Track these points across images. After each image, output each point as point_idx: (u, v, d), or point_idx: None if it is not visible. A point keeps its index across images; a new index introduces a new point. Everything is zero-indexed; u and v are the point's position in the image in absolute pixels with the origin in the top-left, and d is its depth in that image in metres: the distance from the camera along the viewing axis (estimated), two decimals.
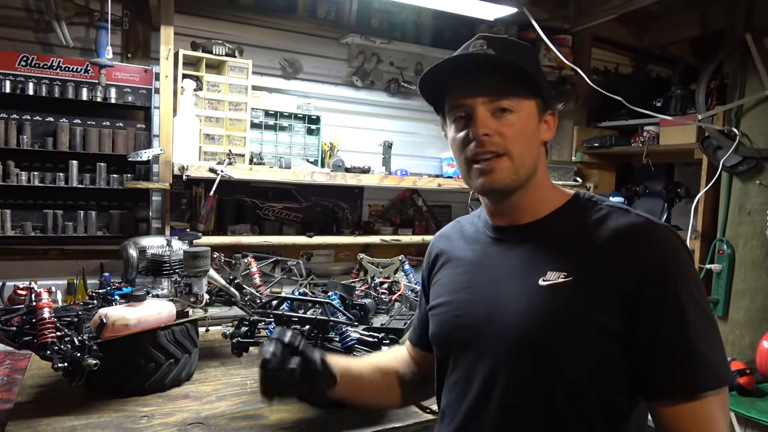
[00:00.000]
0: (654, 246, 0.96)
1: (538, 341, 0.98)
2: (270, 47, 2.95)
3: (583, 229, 1.02)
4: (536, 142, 1.06)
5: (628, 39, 3.69)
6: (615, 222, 1.00)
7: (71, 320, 1.76)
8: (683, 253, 0.97)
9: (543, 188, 1.09)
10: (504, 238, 1.11)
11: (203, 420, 1.71)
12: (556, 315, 0.97)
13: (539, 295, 0.99)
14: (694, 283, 0.95)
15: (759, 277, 2.42)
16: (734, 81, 2.55)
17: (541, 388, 0.98)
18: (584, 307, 0.95)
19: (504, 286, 1.05)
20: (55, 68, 2.42)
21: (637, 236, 0.97)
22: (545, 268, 1.01)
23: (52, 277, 2.51)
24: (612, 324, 0.94)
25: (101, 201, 2.55)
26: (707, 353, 0.91)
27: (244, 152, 2.68)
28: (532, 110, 1.04)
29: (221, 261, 2.46)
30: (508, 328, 1.01)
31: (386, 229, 3.19)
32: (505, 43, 1.05)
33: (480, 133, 1.00)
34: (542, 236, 1.06)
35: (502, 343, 1.02)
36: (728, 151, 2.47)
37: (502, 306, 1.03)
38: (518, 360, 1.00)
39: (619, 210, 1.03)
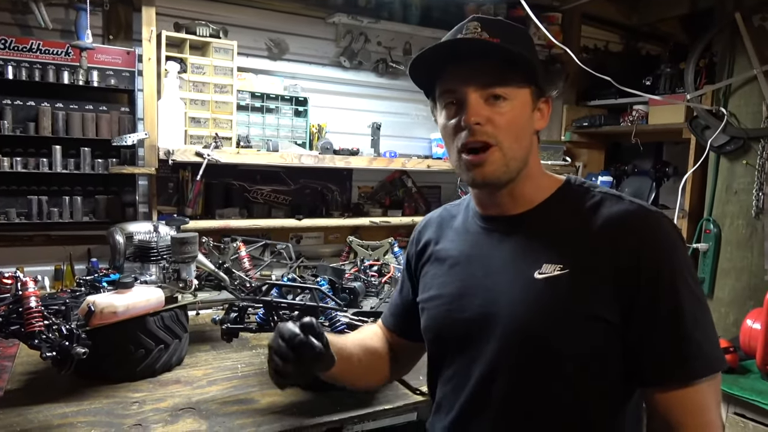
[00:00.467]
0: (648, 233, 0.95)
1: (536, 335, 0.97)
2: (255, 27, 2.89)
3: (577, 218, 1.01)
4: (529, 132, 1.03)
5: (617, 17, 3.65)
6: (608, 210, 0.99)
7: (59, 308, 1.74)
8: (677, 240, 0.97)
9: (535, 177, 1.06)
10: (495, 228, 1.09)
11: (194, 405, 1.72)
12: (554, 308, 0.96)
13: (535, 288, 0.98)
14: (688, 270, 0.95)
15: (744, 256, 2.45)
16: (723, 60, 2.54)
17: (539, 381, 0.98)
18: (581, 300, 0.95)
19: (498, 279, 1.03)
20: (34, 51, 2.36)
21: (631, 224, 0.96)
22: (540, 260, 0.99)
23: (38, 264, 2.50)
24: (609, 314, 0.94)
25: (86, 186, 2.52)
26: (701, 340, 0.92)
27: (230, 135, 2.66)
28: (526, 98, 1.01)
29: (210, 245, 2.45)
30: (504, 322, 1.00)
31: (376, 211, 3.19)
32: (500, 26, 1.01)
33: (471, 122, 0.97)
34: (535, 226, 1.04)
35: (500, 337, 1.00)
36: (716, 131, 2.48)
37: (497, 299, 1.02)
38: (516, 354, 0.99)
39: (612, 197, 1.02)
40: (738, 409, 1.99)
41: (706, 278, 2.57)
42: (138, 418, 1.62)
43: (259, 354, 2.17)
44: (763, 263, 2.40)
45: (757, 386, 1.97)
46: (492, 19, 1.02)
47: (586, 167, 3.69)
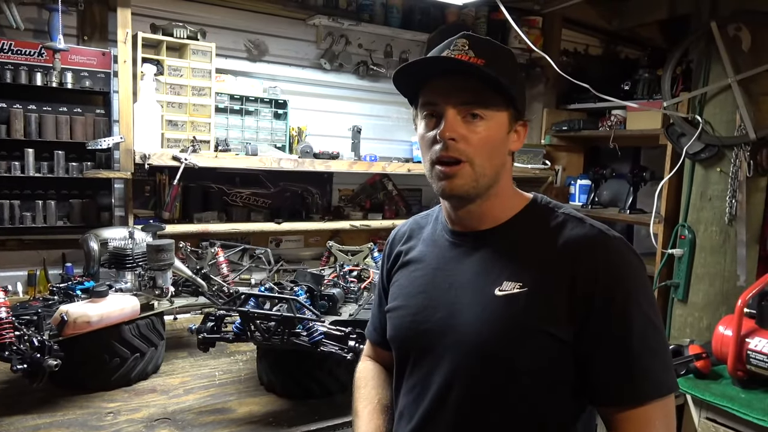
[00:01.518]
0: (605, 258, 0.98)
1: (493, 351, 1.00)
2: (234, 28, 2.86)
3: (539, 238, 1.04)
4: (501, 152, 1.06)
5: (598, 21, 3.69)
6: (569, 232, 1.02)
7: (31, 318, 1.71)
8: (634, 265, 1.00)
9: (504, 196, 1.09)
10: (462, 242, 1.12)
11: (170, 415, 1.71)
12: (511, 326, 0.99)
13: (495, 305, 1.01)
14: (644, 295, 0.98)
15: (717, 262, 2.49)
16: (699, 68, 2.57)
17: (494, 395, 1.01)
18: (538, 318, 0.98)
19: (460, 293, 1.07)
20: (6, 52, 2.31)
21: (590, 248, 1.00)
22: (501, 278, 1.02)
23: (11, 269, 2.45)
24: (564, 334, 0.97)
25: (61, 190, 2.47)
26: (649, 364, 0.95)
27: (208, 138, 2.63)
28: (502, 120, 1.04)
29: (187, 250, 2.42)
30: (463, 337, 1.03)
31: (356, 214, 3.18)
32: (487, 47, 1.04)
33: (447, 137, 1.00)
34: (499, 244, 1.07)
35: (458, 351, 1.04)
36: (691, 139, 2.51)
37: (459, 314, 1.05)
38: (473, 367, 1.02)
39: (574, 219, 1.05)
40: (710, 414, 2.03)
41: (681, 283, 2.61)
42: (112, 430, 1.60)
43: (237, 361, 2.16)
44: (735, 269, 2.44)
45: (728, 392, 2.00)
46: (481, 38, 1.05)
47: (565, 171, 3.73)
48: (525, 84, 1.13)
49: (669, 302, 2.72)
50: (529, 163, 3.45)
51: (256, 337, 1.69)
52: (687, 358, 2.11)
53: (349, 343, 1.66)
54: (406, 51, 3.30)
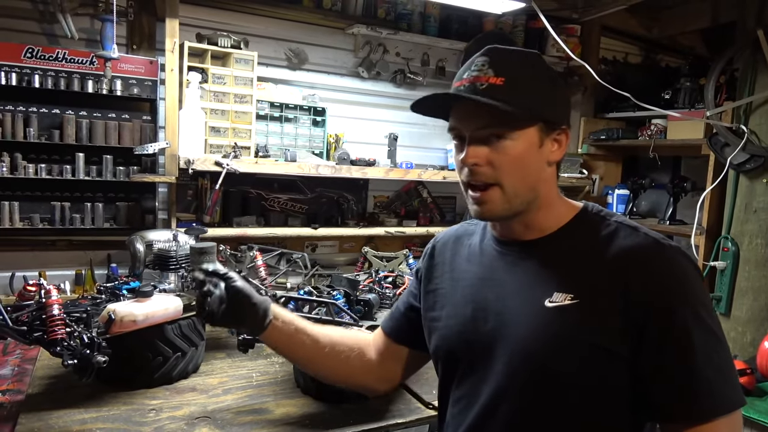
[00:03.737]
0: (660, 268, 0.95)
1: (543, 364, 0.97)
2: (275, 37, 2.93)
3: (591, 248, 1.00)
4: (536, 167, 1.02)
5: (637, 29, 3.64)
6: (623, 241, 0.99)
7: (80, 316, 1.78)
8: (691, 275, 0.96)
9: (549, 207, 1.06)
10: (509, 252, 1.09)
11: (210, 414, 1.74)
12: (562, 338, 0.96)
13: (545, 316, 0.98)
14: (703, 305, 0.94)
15: (763, 276, 2.42)
16: (744, 77, 2.52)
17: (545, 410, 0.99)
18: (590, 331, 0.95)
19: (509, 304, 1.04)
20: (60, 60, 2.42)
21: (644, 258, 0.96)
22: (551, 289, 0.99)
23: (60, 268, 2.55)
24: (617, 348, 0.93)
25: (108, 193, 2.57)
26: (713, 378, 0.90)
27: (249, 145, 2.69)
28: (531, 136, 1.00)
29: (227, 254, 2.48)
30: (513, 349, 1.01)
31: (391, 221, 3.20)
32: (509, 60, 1.01)
33: (469, 163, 0.99)
34: (549, 253, 1.04)
35: (507, 363, 1.01)
36: (735, 149, 2.45)
37: (508, 325, 1.03)
38: (523, 381, 1.00)
39: (628, 228, 1.01)
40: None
41: (723, 297, 2.54)
42: (155, 426, 1.64)
43: (273, 363, 2.19)
44: None
45: None
46: (503, 51, 1.02)
47: (602, 180, 3.68)
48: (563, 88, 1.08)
49: None
50: (565, 172, 3.41)
51: None
52: None
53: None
54: (443, 59, 3.32)
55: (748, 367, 2.06)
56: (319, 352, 1.32)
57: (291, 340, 1.31)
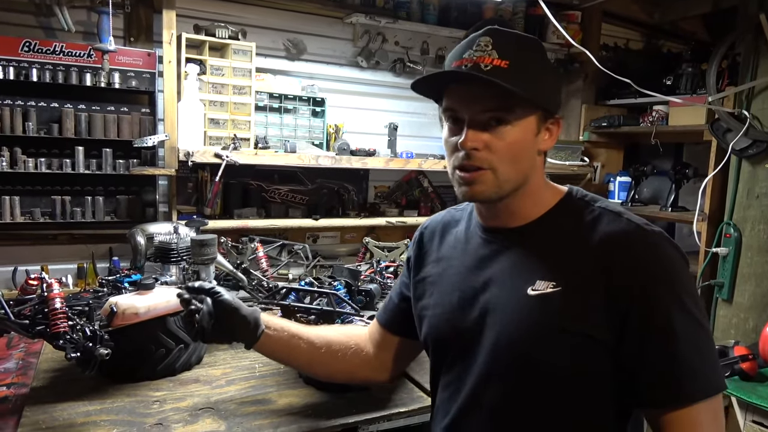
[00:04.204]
0: (643, 254, 0.94)
1: (526, 351, 0.98)
2: (273, 28, 2.91)
3: (574, 234, 1.00)
4: (529, 155, 1.01)
5: (638, 14, 3.60)
6: (606, 227, 0.98)
7: (82, 309, 1.78)
8: (675, 261, 0.95)
9: (535, 193, 1.05)
10: (494, 240, 1.09)
11: (213, 405, 1.75)
12: (544, 326, 0.96)
13: (527, 304, 0.98)
14: (686, 291, 0.93)
15: (765, 261, 2.42)
16: (746, 62, 2.50)
17: (529, 396, 0.99)
18: (572, 318, 0.94)
19: (494, 292, 1.04)
20: (57, 53, 2.40)
21: (627, 243, 0.95)
22: (534, 276, 0.99)
23: (62, 262, 2.55)
24: (600, 334, 0.93)
25: (108, 186, 2.57)
26: (696, 363, 0.91)
27: (248, 136, 2.68)
28: (530, 123, 0.99)
29: (228, 246, 2.48)
30: (496, 336, 1.01)
31: (392, 211, 3.20)
32: (513, 44, 0.98)
33: (468, 147, 0.96)
34: (532, 241, 1.04)
35: (492, 351, 1.02)
36: (738, 135, 2.44)
37: (492, 313, 1.03)
38: (506, 368, 1.01)
39: (611, 213, 1.00)
40: (756, 417, 1.97)
41: (725, 283, 2.54)
42: (159, 418, 1.65)
43: None
44: None
45: None
46: (507, 34, 0.98)
47: (604, 167, 3.66)
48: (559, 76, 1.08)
49: (713, 302, 2.65)
50: (567, 160, 3.40)
51: None
52: (732, 360, 2.05)
53: None
54: (443, 48, 3.30)
55: (750, 352, 2.06)
56: (316, 354, 1.32)
57: (286, 346, 1.33)
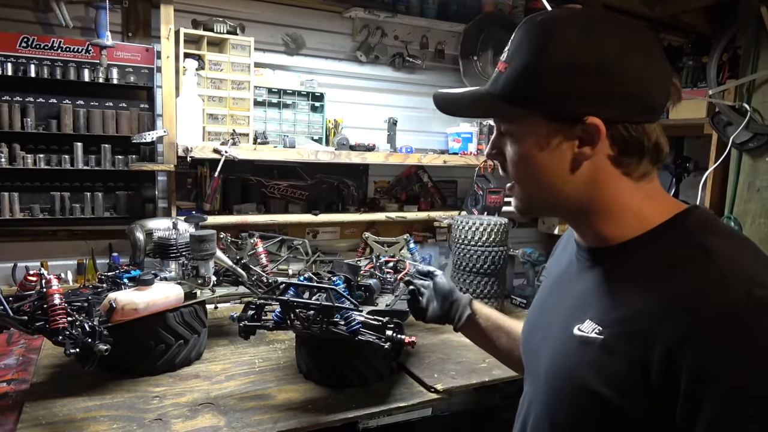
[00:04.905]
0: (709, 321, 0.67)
1: (549, 400, 0.88)
2: (272, 22, 2.89)
3: (652, 272, 0.77)
4: (548, 170, 0.84)
5: (639, 7, 3.57)
6: (687, 275, 0.72)
7: (82, 305, 1.79)
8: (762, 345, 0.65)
9: (617, 212, 0.84)
10: (581, 258, 0.94)
11: (213, 400, 1.76)
12: (571, 379, 0.82)
13: (568, 346, 0.84)
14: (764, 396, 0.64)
15: None
16: (747, 55, 2.48)
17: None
18: (602, 377, 0.76)
19: (556, 319, 0.92)
20: (56, 49, 2.40)
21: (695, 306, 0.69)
22: (587, 313, 0.83)
23: (61, 258, 2.55)
24: (630, 409, 0.73)
25: (107, 182, 2.56)
26: None
27: (247, 131, 2.67)
28: (530, 135, 0.84)
29: (228, 241, 2.48)
30: (540, 368, 0.92)
31: (392, 206, 3.19)
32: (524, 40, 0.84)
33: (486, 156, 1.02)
34: (608, 268, 0.85)
35: (535, 381, 0.94)
36: (738, 128, 2.43)
37: (545, 342, 0.93)
38: (540, 403, 0.91)
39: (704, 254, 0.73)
40: None
41: None
42: (158, 413, 1.66)
43: (276, 349, 2.20)
44: None
45: None
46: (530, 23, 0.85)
47: None
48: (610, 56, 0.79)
49: None
50: None
51: (295, 325, 1.72)
52: None
53: (386, 333, 1.68)
54: (443, 42, 3.28)
55: None
56: (513, 349, 1.29)
57: (489, 336, 1.40)
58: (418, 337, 1.87)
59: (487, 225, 2.55)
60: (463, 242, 2.60)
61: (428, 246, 3.38)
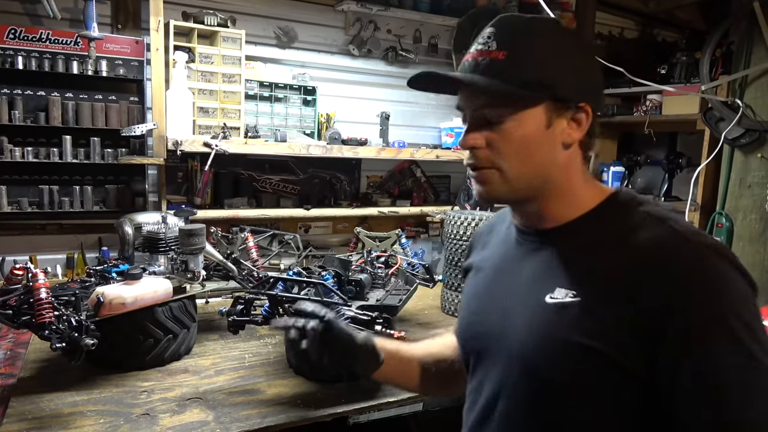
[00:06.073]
0: (686, 270, 0.77)
1: (535, 364, 0.89)
2: (264, 15, 2.87)
3: (607, 240, 0.87)
4: (544, 152, 0.90)
5: (633, 2, 3.58)
6: (644, 234, 0.83)
7: (69, 299, 1.77)
8: (729, 281, 0.77)
9: (569, 193, 0.93)
10: (525, 241, 1.00)
11: (201, 395, 1.75)
12: (557, 339, 0.86)
13: (543, 313, 0.89)
14: (742, 321, 0.74)
15: (756, 251, 2.42)
16: (740, 50, 2.48)
17: (537, 413, 0.90)
18: (589, 334, 0.82)
19: (514, 297, 0.96)
20: (44, 41, 2.37)
21: (663, 256, 0.79)
22: (555, 283, 0.89)
23: (51, 252, 2.53)
24: (626, 360, 0.79)
25: (97, 176, 2.54)
26: (752, 417, 0.73)
27: (239, 125, 2.65)
28: (536, 115, 0.88)
29: (218, 235, 2.47)
30: (510, 345, 0.94)
31: (384, 201, 3.18)
32: (515, 32, 0.90)
33: (467, 146, 0.93)
34: (562, 245, 0.93)
35: (505, 360, 0.95)
36: (731, 124, 2.43)
37: (510, 320, 0.95)
38: (516, 380, 0.92)
39: (655, 218, 0.86)
40: None
41: None
42: (146, 408, 1.65)
43: (266, 344, 2.19)
44: None
45: None
46: (513, 21, 0.92)
47: (597, 157, 3.65)
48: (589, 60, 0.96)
49: None
50: None
51: None
52: None
53: (375, 328, 1.67)
54: (436, 36, 3.27)
55: None
56: (427, 375, 1.24)
57: (401, 372, 1.23)
58: (408, 332, 1.87)
59: (479, 220, 2.54)
60: (456, 237, 2.59)
61: (421, 241, 3.38)
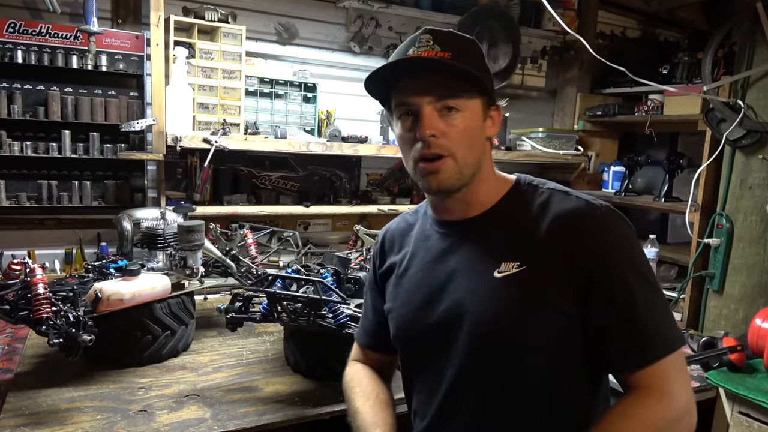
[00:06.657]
0: (595, 229, 1.00)
1: (501, 332, 1.01)
2: (265, 11, 2.86)
3: (529, 216, 1.05)
4: (480, 140, 1.07)
5: (635, 2, 3.58)
6: (557, 206, 1.04)
7: (67, 294, 1.77)
8: (625, 232, 1.02)
9: (488, 181, 1.10)
10: (452, 232, 1.13)
11: (199, 392, 1.75)
12: (515, 305, 1.01)
13: (496, 286, 1.02)
14: (639, 259, 1.01)
15: (756, 253, 2.40)
16: (742, 51, 2.46)
17: (509, 377, 1.02)
18: (540, 294, 0.99)
19: (461, 282, 1.07)
20: (43, 35, 2.36)
21: (578, 220, 1.01)
22: (498, 260, 1.03)
23: (49, 247, 2.53)
24: (567, 306, 0.99)
25: (96, 171, 2.53)
26: (657, 323, 0.97)
27: (238, 121, 2.65)
28: (477, 109, 1.05)
29: (217, 232, 2.46)
30: (471, 323, 1.04)
31: (384, 198, 3.18)
32: (452, 39, 1.04)
33: (426, 135, 1.01)
34: (490, 228, 1.09)
35: (468, 338, 1.04)
36: (732, 124, 2.41)
37: (463, 301, 1.06)
38: (484, 353, 1.03)
39: (559, 193, 1.07)
40: (743, 408, 1.97)
41: (716, 274, 2.53)
42: (143, 404, 1.65)
43: (264, 341, 2.19)
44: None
45: (763, 386, 1.94)
46: (444, 31, 1.05)
47: (598, 157, 3.65)
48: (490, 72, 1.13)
49: (703, 293, 2.65)
50: (561, 149, 3.37)
51: (282, 318, 1.71)
52: (721, 351, 2.05)
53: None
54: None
55: (739, 344, 2.05)
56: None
57: None
58: None
59: None
60: None
61: None
